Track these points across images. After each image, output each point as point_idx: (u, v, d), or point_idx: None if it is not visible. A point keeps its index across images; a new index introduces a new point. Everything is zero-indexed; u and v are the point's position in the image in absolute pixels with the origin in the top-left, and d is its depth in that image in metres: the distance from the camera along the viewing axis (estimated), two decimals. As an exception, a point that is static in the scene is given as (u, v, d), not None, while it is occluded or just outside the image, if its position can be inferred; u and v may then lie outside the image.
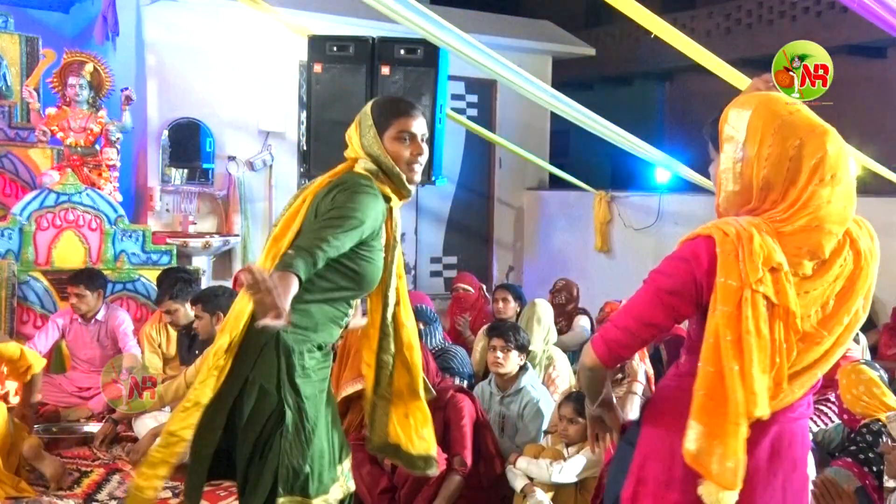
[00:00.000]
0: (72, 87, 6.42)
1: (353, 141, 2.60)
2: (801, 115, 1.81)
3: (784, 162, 1.76)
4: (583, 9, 15.75)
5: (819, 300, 1.79)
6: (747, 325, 1.70)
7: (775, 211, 1.79)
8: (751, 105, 1.82)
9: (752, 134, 1.78)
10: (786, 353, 1.75)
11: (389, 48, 6.04)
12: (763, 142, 1.77)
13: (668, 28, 4.46)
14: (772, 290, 1.72)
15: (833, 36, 10.56)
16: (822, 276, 1.80)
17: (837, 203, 1.76)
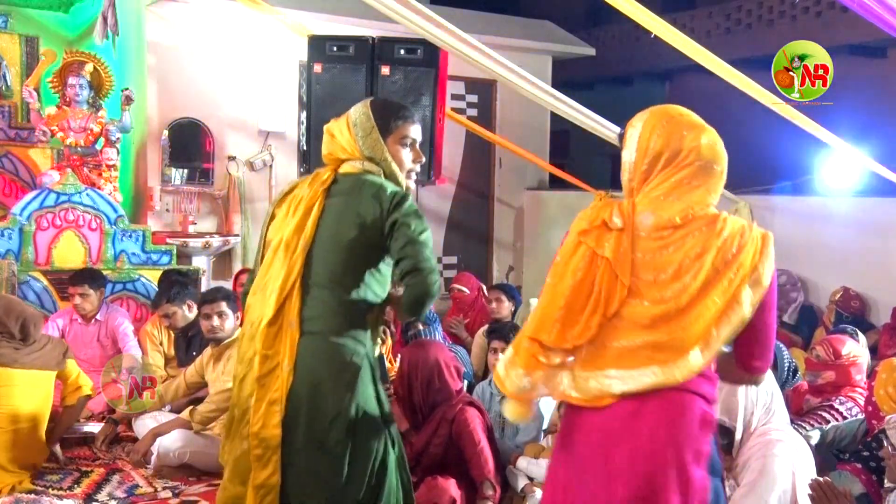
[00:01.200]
0: (72, 87, 6.41)
1: (345, 140, 2.60)
2: (689, 118, 2.11)
3: (665, 150, 2.06)
4: (583, 9, 15.75)
5: (670, 263, 2.00)
6: (565, 266, 2.05)
7: (644, 188, 2.09)
8: (647, 113, 2.15)
9: (646, 129, 2.10)
10: (604, 298, 2.00)
11: (389, 48, 6.04)
12: (653, 133, 2.08)
13: (668, 28, 4.46)
14: (593, 240, 2.04)
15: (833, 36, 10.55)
16: (675, 242, 2.01)
17: (695, 182, 2.03)
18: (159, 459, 4.17)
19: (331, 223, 2.49)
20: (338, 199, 2.54)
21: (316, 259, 2.47)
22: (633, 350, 1.98)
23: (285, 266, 2.46)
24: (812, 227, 6.52)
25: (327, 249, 2.47)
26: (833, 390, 3.83)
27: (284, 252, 2.48)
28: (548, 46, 9.53)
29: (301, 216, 2.51)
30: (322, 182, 2.57)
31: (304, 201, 2.53)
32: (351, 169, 2.59)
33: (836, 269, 6.40)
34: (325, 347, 2.42)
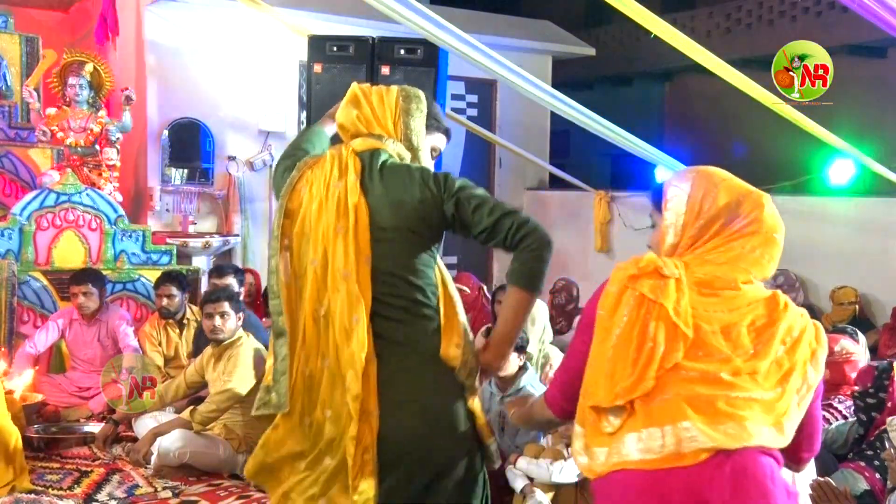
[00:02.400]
0: (72, 87, 6.42)
1: (388, 110, 2.30)
2: (740, 182, 1.96)
3: (722, 216, 1.89)
4: (583, 9, 15.74)
5: (718, 321, 1.82)
6: (610, 319, 1.85)
7: (698, 252, 1.90)
8: (694, 172, 1.97)
9: (698, 189, 1.92)
10: (664, 348, 1.79)
11: (389, 48, 6.04)
12: (708, 194, 1.91)
13: (668, 28, 4.46)
14: (647, 288, 1.83)
15: (833, 36, 10.55)
16: (726, 302, 1.85)
17: (758, 251, 1.89)
18: (159, 459, 4.17)
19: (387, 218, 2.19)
20: (380, 191, 2.20)
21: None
22: (705, 400, 1.77)
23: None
24: (812, 227, 6.52)
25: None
26: (831, 389, 3.83)
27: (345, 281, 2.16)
28: (548, 46, 9.53)
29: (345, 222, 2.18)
30: (355, 171, 2.22)
31: (341, 200, 2.19)
32: (374, 145, 2.27)
33: (836, 269, 6.40)
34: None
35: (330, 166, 2.22)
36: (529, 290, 2.14)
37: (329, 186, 2.20)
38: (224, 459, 4.25)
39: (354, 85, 2.36)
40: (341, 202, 2.17)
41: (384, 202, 2.18)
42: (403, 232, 2.17)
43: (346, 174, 2.19)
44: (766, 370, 1.79)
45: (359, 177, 2.19)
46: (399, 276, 2.17)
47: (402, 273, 2.18)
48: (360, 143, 2.27)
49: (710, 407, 1.75)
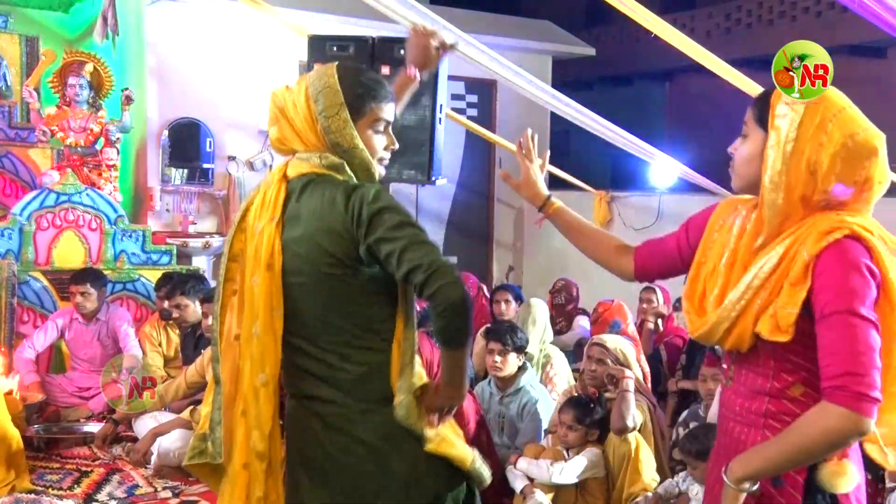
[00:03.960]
0: (72, 87, 6.41)
1: (301, 120, 2.01)
2: (856, 111, 1.76)
3: (841, 151, 1.68)
4: (583, 9, 15.75)
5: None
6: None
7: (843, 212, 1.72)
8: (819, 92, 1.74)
9: (810, 114, 1.71)
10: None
11: (389, 48, 6.02)
12: (822, 125, 1.70)
13: (668, 28, 4.47)
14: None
15: (833, 36, 10.56)
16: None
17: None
18: (159, 459, 4.17)
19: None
20: (299, 226, 1.98)
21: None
22: None
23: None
24: (812, 227, 6.52)
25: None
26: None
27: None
28: (548, 46, 9.53)
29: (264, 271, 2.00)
30: (274, 207, 2.01)
31: (263, 245, 2.00)
32: (306, 168, 2.01)
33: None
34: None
35: (260, 200, 2.06)
36: (454, 347, 1.94)
37: (253, 229, 2.04)
38: (224, 459, 4.25)
39: (272, 95, 2.11)
40: (259, 248, 1.99)
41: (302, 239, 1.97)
42: (317, 274, 1.96)
43: (267, 211, 2.01)
44: None
45: (279, 215, 1.99)
46: (326, 322, 1.98)
47: (329, 318, 1.98)
48: (292, 167, 2.04)
49: None
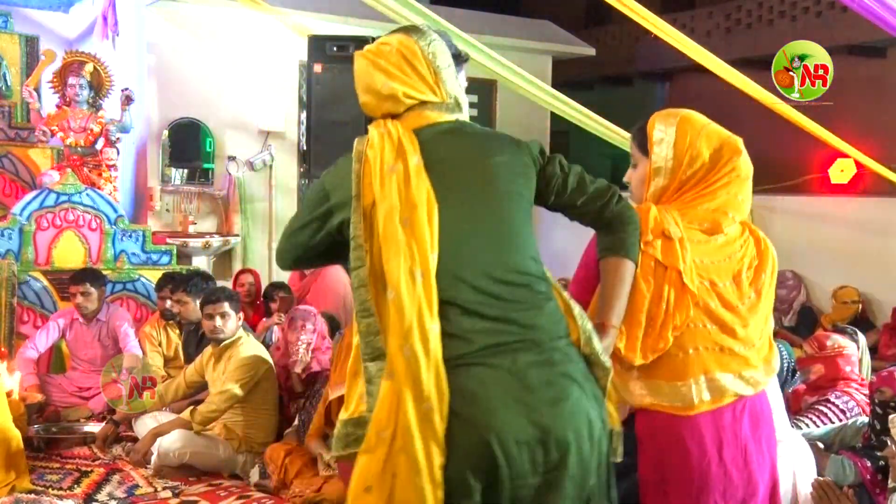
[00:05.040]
0: (72, 87, 6.41)
1: (425, 72, 1.90)
2: (717, 128, 2.19)
3: (706, 162, 2.13)
4: (583, 9, 15.74)
5: (727, 271, 2.12)
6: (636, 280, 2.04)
7: (684, 198, 2.15)
8: (676, 116, 2.18)
9: (683, 135, 2.14)
10: (673, 308, 2.04)
11: (389, 48, 6.03)
12: (692, 144, 2.13)
13: (668, 28, 4.47)
14: (660, 252, 2.05)
15: (833, 36, 10.54)
16: (722, 250, 2.13)
17: (739, 196, 2.14)
18: (159, 459, 4.17)
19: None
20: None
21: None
22: (712, 355, 2.07)
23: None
24: (812, 227, 6.52)
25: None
26: (828, 384, 3.84)
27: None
28: (548, 46, 9.52)
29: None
30: (410, 149, 1.83)
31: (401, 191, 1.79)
32: (439, 118, 1.90)
33: (836, 269, 6.40)
34: None
35: (391, 153, 1.83)
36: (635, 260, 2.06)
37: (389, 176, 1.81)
38: (224, 459, 4.25)
39: (361, 54, 1.96)
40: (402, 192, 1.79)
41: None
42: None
43: (404, 157, 1.81)
44: (759, 311, 2.12)
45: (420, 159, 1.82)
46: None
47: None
48: (417, 118, 1.89)
49: (733, 358, 2.06)
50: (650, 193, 2.18)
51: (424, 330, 1.68)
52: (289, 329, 4.64)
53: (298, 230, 1.96)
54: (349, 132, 6.08)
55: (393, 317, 1.71)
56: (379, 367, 1.75)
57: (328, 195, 1.90)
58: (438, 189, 1.79)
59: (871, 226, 6.42)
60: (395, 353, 1.70)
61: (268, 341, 5.11)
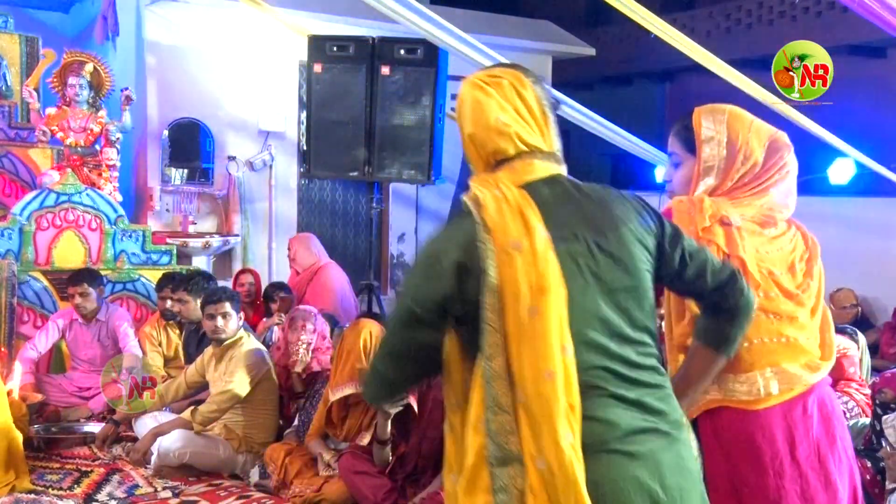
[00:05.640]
0: (72, 87, 6.41)
1: (539, 117, 1.69)
2: (761, 122, 2.14)
3: (761, 156, 2.07)
4: (583, 9, 15.74)
5: (781, 262, 2.06)
6: None
7: (739, 192, 2.08)
8: (725, 111, 2.12)
9: (733, 130, 2.07)
10: None
11: (389, 48, 6.04)
12: (748, 138, 2.07)
13: (668, 28, 4.47)
14: (722, 239, 1.98)
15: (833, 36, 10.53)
16: (775, 241, 2.08)
17: (789, 192, 2.11)
18: (159, 459, 4.17)
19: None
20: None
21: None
22: (776, 346, 2.01)
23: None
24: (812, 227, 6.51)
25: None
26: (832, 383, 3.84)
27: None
28: (548, 46, 9.52)
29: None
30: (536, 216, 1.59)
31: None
32: (548, 171, 1.67)
33: (836, 269, 6.38)
34: None
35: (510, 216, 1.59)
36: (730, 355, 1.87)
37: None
38: (224, 459, 4.25)
39: (471, 80, 1.71)
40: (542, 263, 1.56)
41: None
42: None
43: (529, 231, 1.57)
44: (815, 301, 2.08)
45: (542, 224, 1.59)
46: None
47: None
48: (532, 170, 1.66)
49: (796, 348, 2.01)
50: (694, 192, 2.10)
51: (557, 441, 1.49)
52: (289, 329, 4.64)
53: (406, 333, 1.64)
54: (349, 132, 6.11)
55: (523, 421, 1.52)
56: (511, 474, 1.54)
57: (433, 266, 1.61)
58: (565, 266, 1.56)
59: (871, 226, 6.42)
60: (531, 465, 1.52)
61: (268, 341, 5.11)
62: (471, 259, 1.56)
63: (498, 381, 1.55)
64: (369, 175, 6.22)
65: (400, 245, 8.83)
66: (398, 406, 3.55)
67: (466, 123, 1.70)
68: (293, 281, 6.32)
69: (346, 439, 3.93)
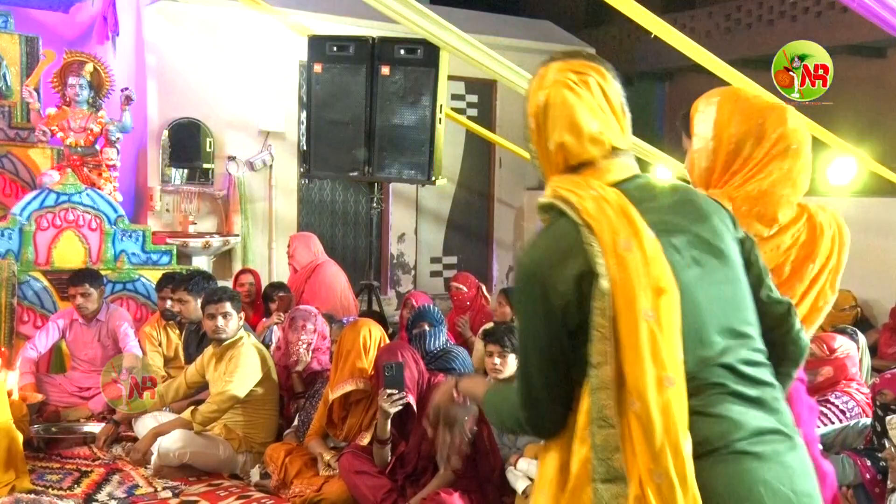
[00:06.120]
0: (72, 87, 6.42)
1: (618, 123, 1.62)
2: (762, 99, 2.01)
3: (749, 138, 1.94)
4: (583, 9, 15.74)
5: (770, 263, 1.86)
6: None
7: (733, 181, 1.96)
8: (718, 94, 2.01)
9: (721, 116, 1.96)
10: None
11: (389, 48, 6.04)
12: (731, 121, 1.95)
13: (668, 28, 4.46)
14: None
15: (833, 36, 10.54)
16: (771, 240, 1.95)
17: (793, 170, 1.94)
18: (159, 459, 4.17)
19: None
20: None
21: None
22: None
23: None
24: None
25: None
26: (829, 386, 3.85)
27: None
28: (548, 46, 9.51)
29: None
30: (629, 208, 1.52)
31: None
32: (631, 171, 1.62)
33: (836, 269, 6.39)
34: None
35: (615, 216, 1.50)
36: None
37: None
38: (224, 459, 4.25)
39: (561, 81, 1.62)
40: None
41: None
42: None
43: (637, 232, 1.48)
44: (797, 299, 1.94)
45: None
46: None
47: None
48: (618, 170, 1.59)
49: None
50: (696, 178, 2.00)
51: (679, 450, 1.39)
52: (289, 329, 4.64)
53: (546, 357, 1.54)
54: (349, 132, 6.11)
55: (636, 432, 1.42)
56: (615, 492, 1.44)
57: (543, 278, 1.51)
58: (672, 263, 1.48)
59: (871, 226, 6.42)
60: (645, 478, 1.40)
61: (268, 341, 5.11)
62: (584, 264, 1.47)
63: (604, 391, 1.46)
64: (369, 175, 6.23)
65: (400, 245, 8.83)
66: (398, 406, 3.55)
67: (556, 130, 1.59)
68: (291, 279, 6.32)
69: (346, 439, 3.93)
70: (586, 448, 1.48)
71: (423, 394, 3.66)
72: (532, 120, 1.64)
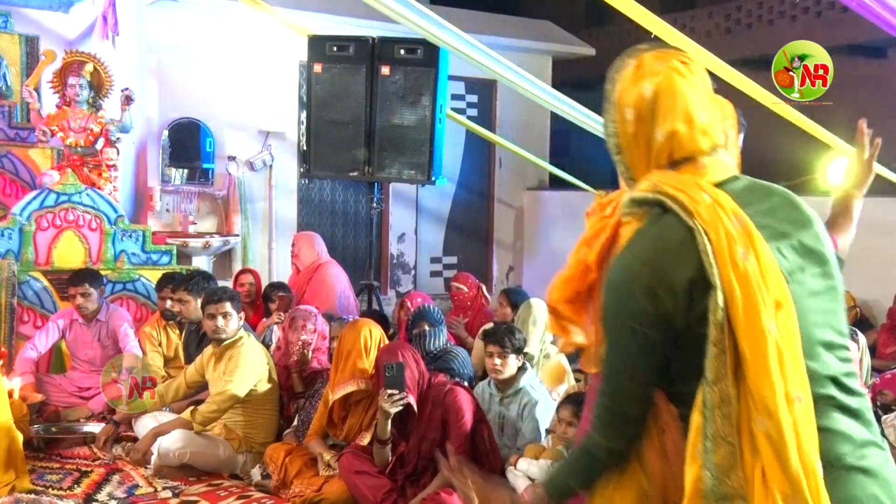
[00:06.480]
0: (72, 87, 6.41)
1: (716, 113, 1.60)
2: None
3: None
4: (583, 9, 15.74)
5: None
6: None
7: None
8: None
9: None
10: None
11: (389, 48, 6.04)
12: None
13: (668, 28, 4.46)
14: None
15: (833, 36, 10.54)
16: None
17: None
18: (159, 459, 4.17)
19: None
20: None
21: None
22: None
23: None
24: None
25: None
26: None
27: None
28: (548, 46, 9.52)
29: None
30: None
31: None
32: (731, 171, 1.55)
33: (836, 269, 6.40)
34: None
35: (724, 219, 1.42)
36: None
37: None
38: (224, 459, 4.25)
39: (674, 67, 1.54)
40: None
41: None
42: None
43: (753, 242, 1.40)
44: None
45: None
46: None
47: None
48: (719, 170, 1.51)
49: None
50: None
51: (814, 472, 1.34)
52: (289, 329, 4.64)
53: (630, 366, 1.48)
54: (349, 132, 6.12)
55: (766, 452, 1.34)
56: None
57: (649, 276, 1.42)
58: (784, 272, 1.42)
59: (871, 226, 6.41)
60: (776, 500, 1.34)
61: (267, 341, 5.12)
62: (696, 270, 1.39)
63: (719, 408, 1.38)
64: (369, 175, 6.23)
65: (400, 245, 8.83)
66: (399, 406, 3.55)
67: (668, 119, 1.50)
68: (294, 279, 6.33)
69: (347, 439, 3.93)
70: (697, 466, 1.40)
71: (424, 394, 3.67)
72: (632, 112, 1.53)
